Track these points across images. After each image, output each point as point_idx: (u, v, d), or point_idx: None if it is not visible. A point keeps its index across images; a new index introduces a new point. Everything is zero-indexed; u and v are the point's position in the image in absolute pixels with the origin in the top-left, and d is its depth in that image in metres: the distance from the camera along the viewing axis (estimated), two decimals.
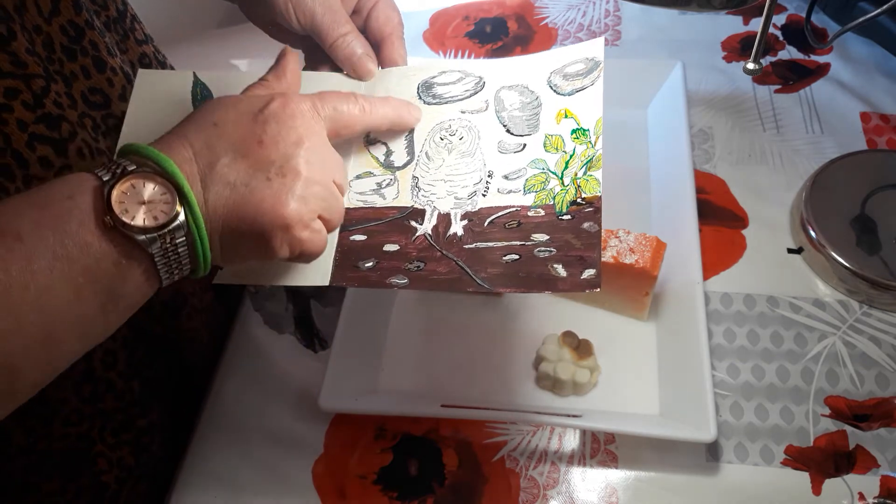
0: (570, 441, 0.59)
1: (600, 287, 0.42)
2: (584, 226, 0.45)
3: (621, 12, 0.89)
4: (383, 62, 0.54)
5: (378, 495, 0.57)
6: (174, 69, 0.67)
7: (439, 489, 0.57)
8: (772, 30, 0.84)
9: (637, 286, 0.60)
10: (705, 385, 0.54)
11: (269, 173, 0.40)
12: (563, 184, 0.47)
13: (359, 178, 0.51)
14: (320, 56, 0.54)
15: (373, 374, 0.63)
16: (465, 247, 0.47)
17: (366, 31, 0.55)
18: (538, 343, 0.62)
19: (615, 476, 0.57)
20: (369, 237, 0.48)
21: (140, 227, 0.37)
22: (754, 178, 0.72)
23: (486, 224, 0.47)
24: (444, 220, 0.48)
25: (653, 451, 0.57)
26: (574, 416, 0.58)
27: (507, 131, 0.50)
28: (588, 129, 0.48)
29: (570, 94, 0.50)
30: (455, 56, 0.87)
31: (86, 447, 0.57)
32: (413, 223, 0.48)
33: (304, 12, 0.51)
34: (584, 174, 0.47)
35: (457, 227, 0.48)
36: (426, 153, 0.51)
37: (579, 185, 0.46)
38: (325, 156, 0.43)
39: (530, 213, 0.47)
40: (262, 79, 0.46)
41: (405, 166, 0.51)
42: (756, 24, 0.85)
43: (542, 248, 0.45)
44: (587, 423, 0.57)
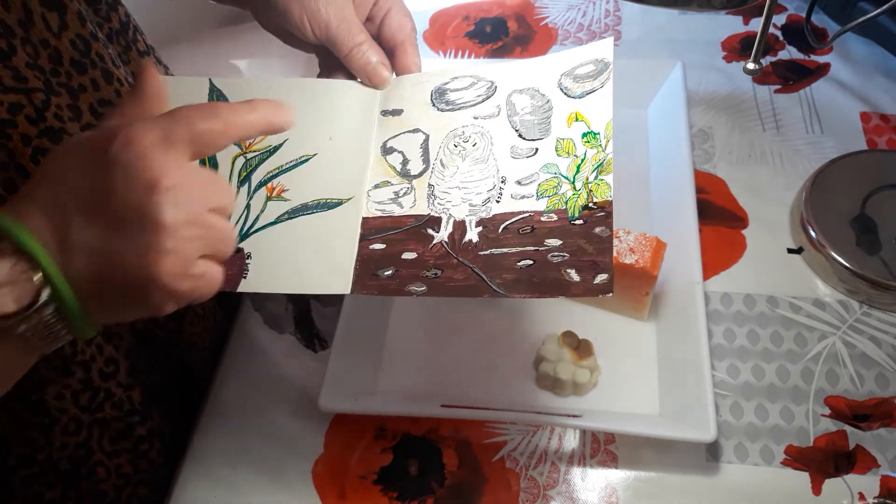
0: (570, 441, 0.59)
1: (612, 292, 0.43)
2: (596, 230, 0.45)
3: (621, 12, 0.89)
4: (397, 69, 0.54)
5: (378, 495, 0.57)
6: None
7: (439, 489, 0.57)
8: (772, 30, 0.84)
9: (637, 286, 0.60)
10: (705, 385, 0.54)
11: (128, 230, 0.36)
12: (574, 188, 0.47)
13: (377, 187, 0.51)
14: (334, 63, 0.54)
15: (373, 374, 0.63)
16: (481, 253, 0.47)
17: (379, 38, 0.55)
18: (538, 343, 0.62)
19: (615, 476, 0.57)
20: (388, 246, 0.48)
21: (2, 314, 0.34)
22: (754, 178, 0.72)
23: (500, 230, 0.48)
24: (460, 227, 0.49)
25: (653, 451, 0.57)
26: (574, 416, 0.58)
27: (520, 136, 0.51)
28: (598, 133, 0.48)
29: (580, 97, 0.50)
30: (455, 56, 0.87)
31: (85, 456, 0.57)
32: (430, 231, 0.49)
33: (319, 24, 0.51)
34: (596, 178, 0.47)
35: (472, 234, 0.48)
36: (441, 161, 0.51)
37: (591, 190, 0.47)
38: (192, 187, 0.37)
39: (543, 219, 0.47)
40: (119, 104, 0.41)
41: (421, 174, 0.51)
42: (756, 24, 0.85)
43: (556, 253, 0.45)
44: (587, 423, 0.57)
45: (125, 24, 0.59)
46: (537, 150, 0.50)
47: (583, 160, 0.48)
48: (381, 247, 0.49)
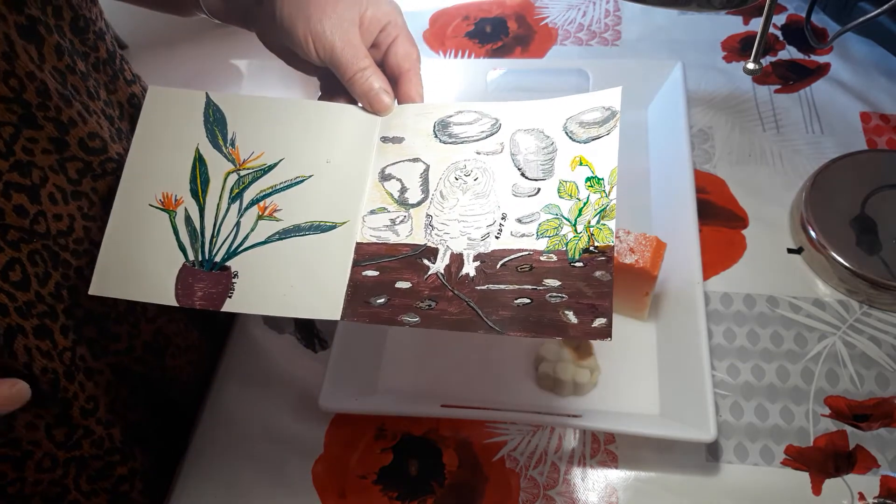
0: (570, 441, 0.59)
1: (611, 337, 0.43)
2: (596, 274, 0.45)
3: (621, 12, 0.89)
4: (400, 98, 0.54)
5: (378, 495, 0.57)
6: None
7: (439, 489, 0.57)
8: (772, 30, 0.84)
9: (637, 286, 0.60)
10: (705, 385, 0.54)
11: None
12: (576, 231, 0.47)
13: (373, 213, 0.50)
14: (337, 86, 0.54)
15: (373, 374, 0.63)
16: (477, 288, 0.47)
17: (384, 65, 0.54)
18: (538, 343, 0.62)
19: (615, 476, 0.57)
20: (382, 273, 0.48)
21: None
22: (754, 178, 0.72)
23: (498, 266, 0.47)
24: (457, 260, 0.48)
25: (653, 451, 0.57)
26: (574, 416, 0.58)
27: (522, 175, 0.50)
28: (603, 179, 0.48)
29: (585, 142, 0.50)
30: (455, 56, 0.87)
31: (60, 494, 0.55)
32: (426, 261, 0.48)
33: (324, 46, 0.51)
34: (598, 223, 0.47)
35: (469, 268, 0.48)
36: (441, 192, 0.51)
37: (592, 234, 0.46)
38: None
39: (543, 258, 0.47)
40: None
41: (419, 204, 0.50)
42: (756, 24, 0.85)
43: (554, 294, 0.45)
44: (587, 423, 0.57)
45: (112, 54, 0.58)
46: (539, 189, 0.49)
47: (585, 204, 0.48)
48: (374, 274, 0.48)
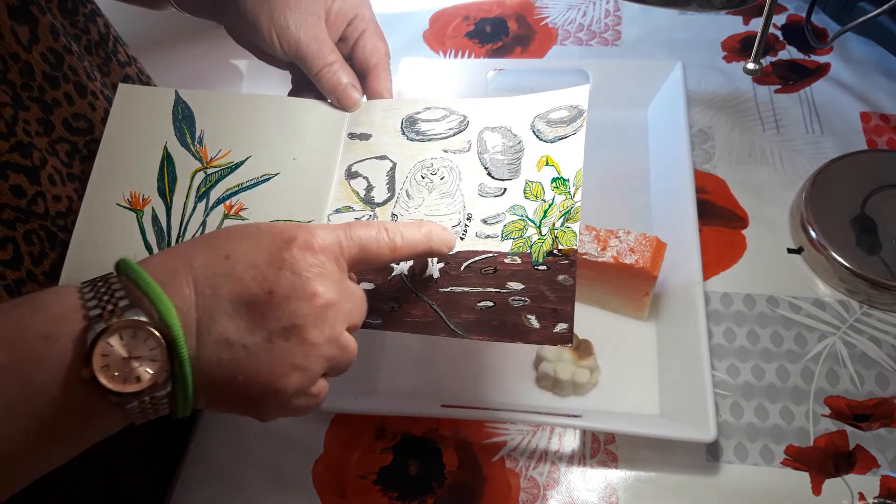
0: (570, 441, 0.59)
1: (572, 342, 0.42)
2: (559, 278, 0.45)
3: (621, 12, 0.89)
4: (369, 93, 0.53)
5: (378, 495, 0.57)
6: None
7: (439, 489, 0.57)
8: (772, 30, 0.84)
9: (637, 286, 0.60)
10: (705, 385, 0.54)
11: (273, 334, 0.35)
12: (540, 233, 0.47)
13: (338, 212, 0.50)
14: (305, 81, 0.53)
15: (373, 374, 0.63)
16: (441, 290, 0.46)
17: (352, 60, 0.54)
18: None
19: (615, 476, 0.57)
20: None
21: (120, 392, 0.32)
22: (754, 178, 0.72)
23: (462, 268, 0.47)
24: (421, 261, 0.48)
25: (653, 451, 0.57)
26: (574, 416, 0.58)
27: (489, 174, 0.50)
28: (568, 180, 0.47)
29: (552, 142, 0.49)
30: (455, 56, 0.87)
31: (58, 474, 0.54)
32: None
33: (289, 40, 0.50)
34: (562, 225, 0.46)
35: (433, 270, 0.47)
36: (406, 191, 0.50)
37: (556, 237, 0.46)
38: (341, 306, 0.38)
39: (507, 260, 0.46)
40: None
41: (385, 203, 0.50)
42: (756, 24, 0.85)
43: (517, 298, 0.45)
44: (587, 423, 0.57)
45: (104, 36, 0.58)
46: (505, 190, 0.49)
47: (550, 205, 0.47)
48: None
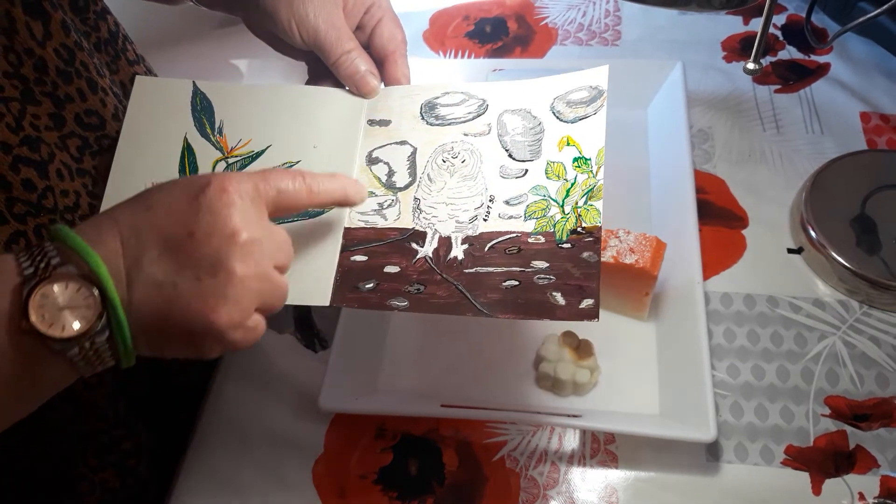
0: (570, 441, 0.59)
1: (598, 318, 0.42)
2: (584, 255, 0.45)
3: (621, 12, 0.89)
4: (387, 80, 0.54)
5: (378, 495, 0.57)
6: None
7: (439, 489, 0.57)
8: (772, 30, 0.84)
9: (637, 286, 0.60)
10: (705, 385, 0.54)
11: (199, 272, 0.37)
12: (563, 212, 0.47)
13: None
14: (323, 70, 0.54)
15: (373, 374, 0.63)
16: (466, 271, 0.47)
17: (369, 47, 0.54)
18: (538, 343, 0.62)
19: (615, 476, 0.57)
20: (370, 258, 0.48)
21: (58, 338, 0.34)
22: (754, 178, 0.72)
23: (486, 249, 0.47)
24: (445, 243, 0.48)
25: (653, 451, 0.57)
26: (574, 416, 0.58)
27: (510, 156, 0.50)
28: (590, 159, 0.48)
29: (572, 122, 0.50)
30: (455, 56, 0.87)
31: (68, 469, 0.55)
32: (414, 245, 0.48)
33: (307, 29, 0.51)
34: (585, 203, 0.47)
35: (457, 251, 0.48)
36: (428, 175, 0.50)
37: (580, 215, 0.46)
38: (264, 243, 0.39)
39: (530, 240, 0.47)
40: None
41: (407, 187, 0.50)
42: (756, 24, 0.85)
43: (542, 276, 0.45)
44: (587, 423, 0.57)
45: (114, 34, 0.58)
46: (527, 171, 0.49)
47: (573, 184, 0.48)
48: (362, 259, 0.48)
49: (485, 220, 0.48)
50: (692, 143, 0.74)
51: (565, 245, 0.46)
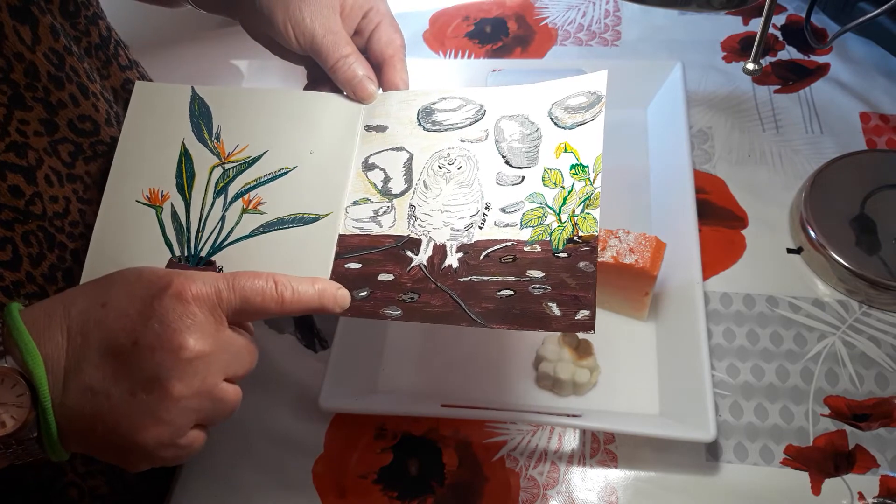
0: (570, 441, 0.59)
1: (594, 330, 0.42)
2: (580, 265, 0.45)
3: (621, 12, 0.89)
4: (384, 85, 0.54)
5: (378, 495, 0.57)
6: None
7: (439, 489, 0.57)
8: (771, 30, 0.84)
9: (637, 286, 0.60)
10: (705, 385, 0.54)
11: (135, 386, 0.36)
12: (560, 220, 0.46)
13: (356, 204, 0.50)
14: (321, 75, 0.53)
15: (373, 374, 0.63)
16: (460, 280, 0.46)
17: (367, 52, 0.54)
18: (538, 343, 0.62)
19: (615, 476, 0.57)
20: (364, 265, 0.48)
21: None
22: (754, 178, 0.72)
23: (481, 257, 0.47)
24: (440, 251, 0.48)
25: (653, 450, 0.57)
26: (574, 415, 0.58)
27: (506, 163, 0.50)
28: (587, 166, 0.47)
29: (570, 128, 0.49)
30: (455, 56, 0.87)
31: (56, 476, 0.54)
32: (409, 253, 0.48)
33: (304, 33, 0.51)
34: (582, 212, 0.46)
35: (452, 260, 0.47)
36: (424, 181, 0.50)
37: (576, 223, 0.46)
38: (215, 357, 0.37)
39: (526, 249, 0.46)
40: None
41: (403, 194, 0.50)
42: (756, 25, 0.85)
43: (537, 286, 0.45)
44: (587, 422, 0.57)
45: (106, 39, 0.57)
46: (524, 178, 0.49)
47: (570, 192, 0.47)
48: (356, 266, 0.48)
49: (480, 227, 0.48)
50: (692, 143, 0.74)
51: (561, 255, 0.45)
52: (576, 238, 0.45)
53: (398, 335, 0.66)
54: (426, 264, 0.47)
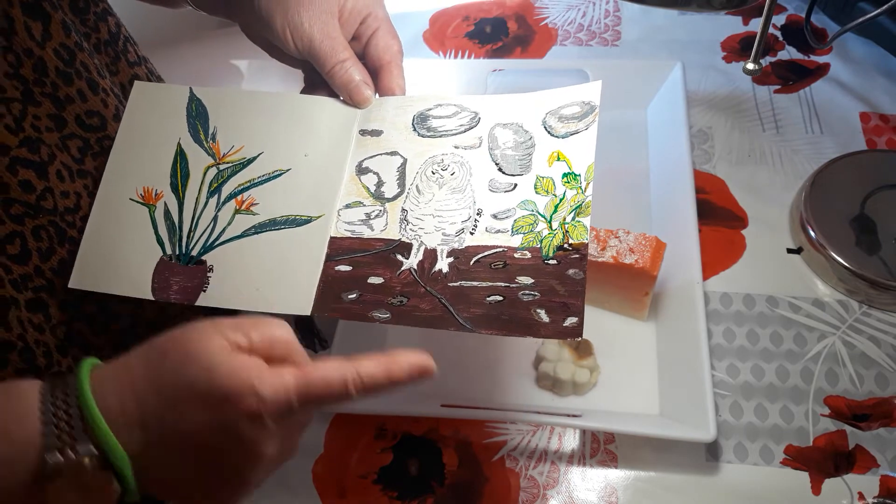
0: (570, 441, 0.59)
1: (581, 336, 0.43)
2: (570, 272, 0.45)
3: (621, 12, 0.89)
4: (381, 90, 0.54)
5: (378, 495, 0.57)
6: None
7: (439, 489, 0.57)
8: (771, 30, 0.84)
9: (637, 286, 0.60)
10: (705, 385, 0.54)
11: (220, 482, 0.38)
12: (550, 228, 0.47)
13: (348, 207, 0.50)
14: (319, 78, 0.53)
15: None
16: (450, 284, 0.46)
17: (364, 57, 0.54)
18: (538, 343, 0.62)
19: (615, 476, 0.57)
20: (354, 268, 0.48)
21: None
22: (754, 178, 0.72)
23: (471, 263, 0.47)
24: (431, 255, 0.48)
25: (653, 450, 0.57)
26: (574, 416, 0.58)
27: (499, 170, 0.50)
28: (579, 175, 0.48)
29: (563, 137, 0.49)
30: (455, 56, 0.87)
31: None
32: (399, 257, 0.48)
33: (302, 38, 0.51)
34: (573, 220, 0.46)
35: (442, 264, 0.47)
36: (416, 186, 0.50)
37: (567, 231, 0.46)
38: (285, 443, 0.39)
39: (517, 255, 0.47)
40: (245, 334, 0.38)
41: (395, 198, 0.50)
42: (756, 25, 0.85)
43: (527, 292, 0.45)
44: (587, 423, 0.57)
45: (115, 35, 0.58)
46: (516, 185, 0.49)
47: (561, 200, 0.47)
48: (347, 269, 0.48)
49: (471, 233, 0.48)
50: (692, 143, 0.74)
51: (551, 261, 0.46)
52: (566, 245, 0.46)
53: (398, 335, 0.66)
54: (416, 268, 0.48)
